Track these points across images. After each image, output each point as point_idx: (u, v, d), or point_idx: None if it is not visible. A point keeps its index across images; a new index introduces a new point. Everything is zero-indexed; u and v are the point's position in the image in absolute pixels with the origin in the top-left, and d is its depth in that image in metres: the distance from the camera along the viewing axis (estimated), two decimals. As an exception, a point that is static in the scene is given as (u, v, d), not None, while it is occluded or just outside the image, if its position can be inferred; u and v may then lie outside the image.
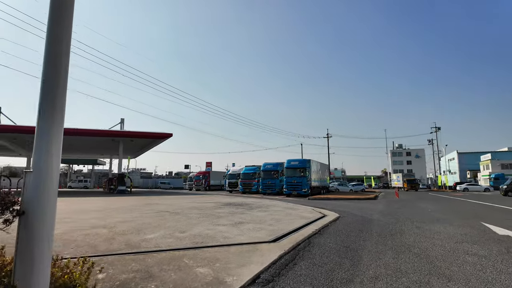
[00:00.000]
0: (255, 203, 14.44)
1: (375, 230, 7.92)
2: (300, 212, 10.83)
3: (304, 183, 28.43)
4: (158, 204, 12.90)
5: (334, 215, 10.29)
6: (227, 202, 14.41)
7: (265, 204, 13.54)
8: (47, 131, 2.52)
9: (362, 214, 11.78)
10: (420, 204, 18.32)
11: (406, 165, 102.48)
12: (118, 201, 15.06)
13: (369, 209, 14.41)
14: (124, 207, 11.07)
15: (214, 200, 16.01)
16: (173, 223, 7.24)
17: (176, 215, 8.78)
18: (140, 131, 28.02)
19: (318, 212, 10.93)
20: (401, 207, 16.06)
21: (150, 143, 32.48)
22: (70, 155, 45.18)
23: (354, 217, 10.62)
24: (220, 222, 7.60)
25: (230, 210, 10.48)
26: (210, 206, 12.08)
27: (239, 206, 12.16)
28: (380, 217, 10.71)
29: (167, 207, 11.36)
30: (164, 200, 16.11)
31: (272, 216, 9.27)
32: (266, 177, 33.02)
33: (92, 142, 31.70)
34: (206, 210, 10.33)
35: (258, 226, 7.08)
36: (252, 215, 9.22)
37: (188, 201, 15.28)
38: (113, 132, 27.81)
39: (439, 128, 67.19)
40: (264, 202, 15.21)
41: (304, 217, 9.33)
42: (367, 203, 18.68)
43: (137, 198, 18.29)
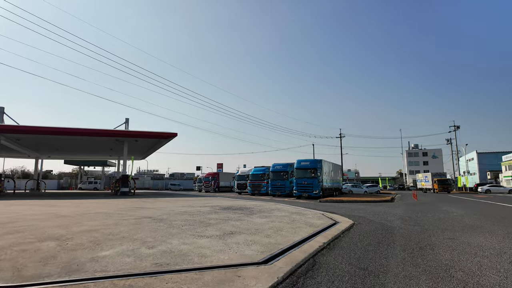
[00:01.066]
0: (258, 206, 13.02)
1: (399, 242, 6.40)
2: (307, 218, 9.36)
3: (315, 185, 26.89)
4: (147, 208, 11.59)
5: (347, 222, 8.79)
6: (227, 206, 13.03)
7: (269, 208, 12.10)
8: None
9: (379, 220, 10.22)
10: (443, 207, 16.54)
11: (422, 165, 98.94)
12: (108, 204, 13.91)
13: (387, 213, 12.81)
14: (106, 212, 9.83)
15: (213, 203, 14.65)
16: (146, 234, 5.91)
17: (157, 223, 7.45)
18: (144, 131, 27.04)
19: (329, 218, 9.43)
20: (423, 211, 14.36)
21: (155, 144, 31.52)
22: (78, 156, 44.86)
23: (371, 224, 9.09)
24: (205, 232, 6.22)
25: (225, 216, 9.08)
26: (205, 210, 10.72)
27: (238, 211, 10.75)
28: (401, 224, 9.15)
29: (156, 211, 10.06)
30: (159, 203, 14.84)
31: (272, 223, 7.84)
32: (275, 178, 31.71)
33: (97, 142, 30.97)
34: (197, 216, 8.96)
35: (251, 239, 5.67)
36: (249, 223, 7.80)
37: (184, 204, 13.97)
38: (116, 132, 26.89)
39: (458, 127, 64.14)
40: (268, 205, 13.77)
41: (312, 224, 7.87)
42: (383, 207, 17.01)
43: (133, 201, 17.13)
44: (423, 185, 53.69)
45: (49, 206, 12.41)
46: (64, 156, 43.93)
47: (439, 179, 47.71)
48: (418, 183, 57.63)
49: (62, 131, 25.20)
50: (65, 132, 25.26)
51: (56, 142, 30.79)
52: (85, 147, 34.11)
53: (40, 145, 32.70)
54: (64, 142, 30.40)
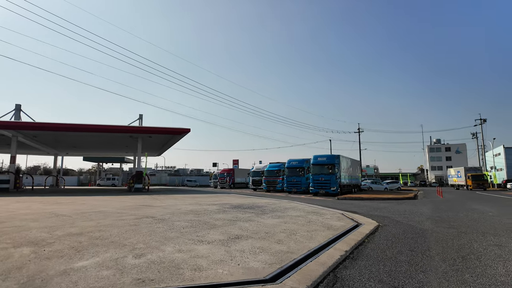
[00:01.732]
0: (271, 205, 12.15)
1: (435, 249, 5.41)
2: (325, 218, 8.43)
3: (333, 181, 25.83)
4: (154, 206, 10.87)
5: (371, 224, 7.81)
6: (237, 204, 12.20)
7: (283, 207, 11.20)
8: None
9: (407, 220, 9.16)
10: (474, 206, 15.17)
11: (445, 161, 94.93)
12: (116, 202, 13.40)
13: (413, 212, 11.69)
14: (107, 211, 9.18)
15: (224, 201, 13.87)
16: (139, 238, 5.17)
17: (157, 223, 6.71)
18: (156, 127, 26.64)
19: (350, 219, 8.47)
20: (452, 209, 13.12)
21: (169, 140, 31.07)
22: (95, 153, 45.30)
23: (398, 225, 8.07)
24: (208, 236, 5.41)
25: (234, 216, 8.26)
26: (213, 209, 9.93)
27: (249, 210, 9.88)
28: (432, 226, 8.08)
29: (160, 210, 9.35)
30: (168, 200, 14.19)
31: (286, 225, 6.96)
32: (291, 174, 30.87)
33: (112, 139, 30.87)
34: (202, 216, 8.19)
35: (259, 245, 4.83)
36: (259, 224, 6.95)
37: (193, 202, 13.25)
38: (130, 128, 26.57)
39: (485, 120, 60.92)
40: (283, 204, 12.87)
41: (330, 226, 6.95)
42: (407, 205, 15.81)
43: (143, 198, 16.63)
44: (455, 181, 49.06)
45: (52, 204, 11.96)
46: (82, 153, 44.51)
47: (474, 174, 42.81)
48: (449, 179, 52.70)
49: (76, 128, 25.13)
50: (78, 128, 25.19)
51: (72, 139, 30.94)
52: (100, 144, 34.19)
53: (57, 142, 33.00)
54: (80, 139, 30.49)
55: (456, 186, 47.09)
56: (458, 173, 47.98)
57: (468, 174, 42.92)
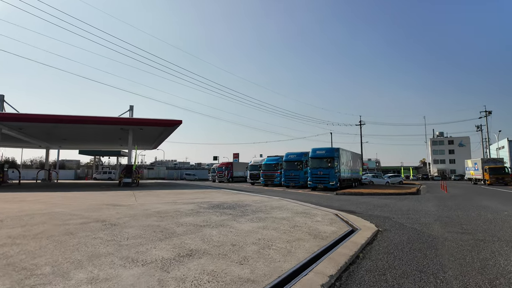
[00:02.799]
0: (257, 203, 10.78)
1: (451, 269, 4.10)
2: (315, 221, 7.13)
3: (332, 175, 24.59)
4: (121, 205, 9.33)
5: (368, 229, 6.51)
6: (219, 202, 10.76)
7: (270, 206, 9.85)
8: None
9: (411, 223, 7.86)
10: (482, 202, 13.84)
11: (448, 154, 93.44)
12: (87, 198, 12.08)
13: (418, 211, 10.39)
14: (59, 212, 7.88)
15: (207, 199, 12.42)
16: (55, 256, 3.78)
17: (101, 231, 5.29)
18: (147, 118, 25.31)
19: (344, 222, 7.17)
20: (460, 207, 11.81)
21: (162, 132, 29.70)
22: (88, 146, 44.00)
23: (401, 230, 6.77)
24: (150, 252, 4.01)
25: (205, 219, 6.87)
26: (186, 210, 8.49)
27: (228, 210, 8.47)
28: (442, 231, 6.78)
29: (123, 211, 7.96)
30: (145, 198, 12.76)
31: (264, 232, 5.65)
32: (288, 168, 29.69)
33: (103, 131, 29.59)
34: (166, 219, 6.76)
35: (212, 268, 3.52)
36: (230, 231, 5.60)
37: (171, 200, 11.81)
38: (119, 119, 25.20)
39: (490, 112, 59.12)
40: (271, 202, 11.53)
41: (318, 234, 5.66)
42: (411, 201, 14.51)
43: (123, 194, 15.38)
44: (473, 174, 41.94)
45: (12, 202, 10.69)
46: (74, 146, 43.26)
47: (492, 167, 36.79)
48: (466, 172, 46.80)
49: (62, 119, 23.84)
50: (65, 120, 23.88)
51: (61, 131, 29.70)
52: (92, 136, 32.93)
53: (47, 134, 31.79)
54: (69, 131, 29.24)
55: (474, 180, 41.25)
56: (475, 165, 41.24)
57: (486, 166, 37.08)
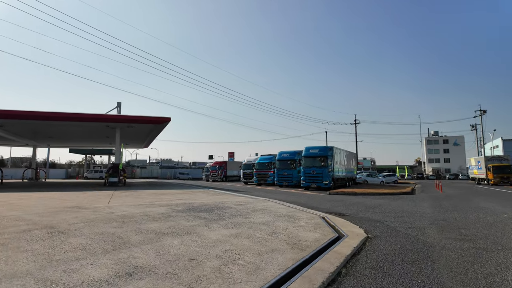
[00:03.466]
0: (240, 205, 9.90)
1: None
2: (297, 226, 6.39)
3: (325, 174, 23.95)
4: (87, 208, 8.40)
5: (356, 235, 5.78)
6: (198, 205, 9.78)
7: (252, 209, 9.02)
8: None
9: (405, 227, 7.17)
10: (480, 203, 13.22)
11: (443, 153, 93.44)
12: (62, 199, 11.31)
13: (413, 213, 9.72)
14: (12, 216, 7.02)
15: (186, 200, 11.41)
16: None
17: (39, 241, 4.23)
18: (134, 115, 24.42)
19: (330, 227, 6.43)
20: (457, 208, 11.17)
21: (151, 130, 28.78)
22: (75, 144, 42.76)
23: (394, 237, 6.06)
24: (73, 275, 3.05)
25: (172, 225, 6.03)
26: (156, 213, 7.56)
27: (203, 214, 7.67)
28: (439, 237, 6.10)
29: (86, 215, 7.04)
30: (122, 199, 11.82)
31: (235, 241, 4.86)
32: (282, 167, 29.05)
33: (89, 129, 28.52)
34: (127, 225, 5.81)
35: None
36: (193, 241, 4.71)
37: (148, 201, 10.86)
38: (105, 116, 24.31)
39: (485, 111, 58.89)
40: (256, 204, 10.70)
41: (298, 242, 4.91)
42: (405, 201, 13.88)
43: (102, 194, 14.50)
44: (476, 173, 38.25)
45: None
46: (62, 144, 42.11)
47: (497, 165, 33.05)
48: (470, 170, 43.39)
49: (44, 115, 22.72)
50: (46, 116, 22.77)
51: (46, 129, 28.63)
52: (78, 134, 31.81)
53: (31, 132, 30.64)
54: (55, 128, 28.14)
55: (477, 180, 37.65)
56: (478, 163, 37.29)
57: (489, 164, 33.36)
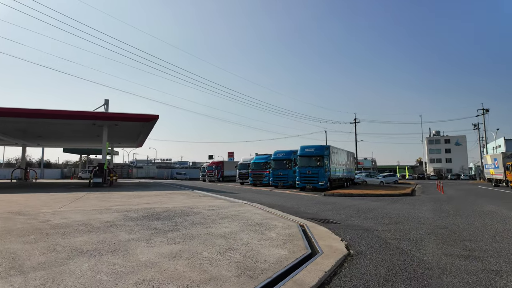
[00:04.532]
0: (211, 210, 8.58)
1: None
2: (264, 240, 5.17)
3: (321, 175, 22.80)
4: (27, 215, 7.21)
5: (335, 252, 4.58)
6: (162, 210, 8.32)
7: (222, 215, 7.70)
8: None
9: (398, 238, 6.00)
10: (485, 206, 12.01)
11: (444, 153, 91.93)
12: (26, 200, 10.25)
13: (410, 219, 8.56)
14: None
15: (151, 205, 9.78)
16: None
17: None
18: (121, 113, 23.27)
19: (304, 241, 5.19)
20: (460, 213, 9.99)
21: (141, 128, 27.62)
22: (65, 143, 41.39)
23: (382, 253, 4.87)
24: None
25: (103, 239, 4.98)
26: (101, 221, 6.54)
27: (158, 223, 6.59)
28: (439, 253, 4.92)
29: (22, 220, 6.02)
30: (89, 202, 10.69)
31: (165, 265, 3.59)
32: (277, 167, 28.00)
33: (77, 128, 27.35)
34: (44, 239, 4.83)
35: None
36: (111, 265, 3.65)
37: (112, 205, 9.69)
38: (90, 114, 23.06)
39: (487, 110, 57.54)
40: (230, 208, 9.40)
41: (253, 266, 3.69)
42: (403, 204, 12.71)
43: (74, 196, 13.44)
44: (493, 173, 31.99)
45: None
46: (51, 143, 40.83)
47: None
48: (485, 170, 37.37)
49: (25, 113, 21.62)
50: (27, 114, 21.64)
51: (33, 128, 27.53)
52: (67, 133, 30.65)
53: (18, 131, 29.56)
54: (42, 127, 27.03)
55: (494, 181, 31.69)
56: (495, 161, 31.01)
57: (508, 163, 27.55)
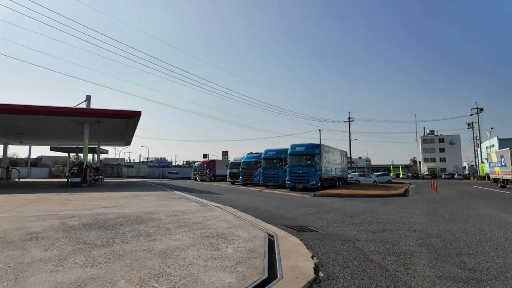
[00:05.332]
0: (173, 216, 7.40)
1: None
2: (213, 259, 4.01)
3: (312, 174, 21.94)
4: None
5: (297, 276, 3.55)
6: (116, 216, 7.42)
7: (181, 223, 6.65)
8: None
9: (383, 252, 5.03)
10: (481, 210, 11.08)
11: (438, 153, 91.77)
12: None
13: (400, 225, 7.62)
14: None
15: (109, 210, 8.51)
16: None
17: None
18: (102, 109, 22.03)
19: (264, 260, 4.21)
20: (455, 217, 9.07)
21: (125, 125, 26.35)
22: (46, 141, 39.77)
23: (359, 277, 3.87)
24: None
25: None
26: (26, 232, 5.49)
27: (92, 235, 5.49)
28: (432, 274, 3.97)
29: None
30: (41, 205, 9.73)
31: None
32: (267, 166, 27.13)
33: (58, 124, 26.02)
34: None
35: None
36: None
37: (62, 208, 8.72)
38: (68, 110, 21.77)
39: (482, 109, 57.14)
40: (196, 214, 8.14)
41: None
42: (395, 206, 11.81)
43: (36, 197, 12.40)
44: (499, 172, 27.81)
45: None
46: (34, 141, 39.40)
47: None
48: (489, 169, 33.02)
49: None
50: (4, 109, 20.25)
51: (11, 124, 26.22)
52: (48, 130, 29.33)
53: None
54: (20, 124, 25.68)
55: (500, 181, 27.26)
56: (501, 158, 26.90)
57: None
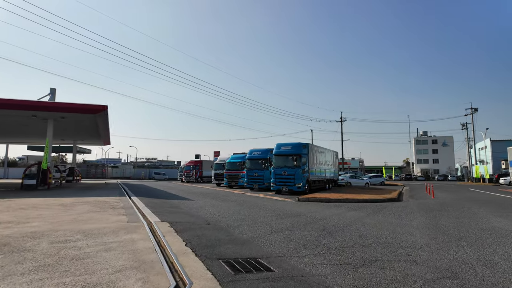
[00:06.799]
0: (58, 244, 5.07)
1: None
2: None
3: (298, 176, 20.09)
4: None
5: None
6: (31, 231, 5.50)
7: (53, 260, 3.99)
8: None
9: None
10: (492, 221, 9.06)
11: (431, 154, 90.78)
12: None
13: (395, 248, 5.54)
14: None
15: (11, 224, 7.08)
16: None
17: None
18: (63, 102, 19.66)
19: None
20: (465, 235, 7.02)
21: (95, 122, 23.97)
22: (14, 140, 37.10)
23: None
24: None
25: None
26: None
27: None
28: None
29: None
30: None
31: None
32: (252, 167, 25.31)
33: (20, 120, 23.56)
34: None
35: None
36: None
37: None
38: (25, 103, 19.17)
39: (476, 110, 55.87)
40: (106, 239, 5.05)
41: None
42: (387, 216, 9.77)
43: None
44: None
45: None
46: (3, 140, 36.76)
47: None
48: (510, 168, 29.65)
49: None
50: None
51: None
52: (10, 127, 26.75)
53: None
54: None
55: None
56: None
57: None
